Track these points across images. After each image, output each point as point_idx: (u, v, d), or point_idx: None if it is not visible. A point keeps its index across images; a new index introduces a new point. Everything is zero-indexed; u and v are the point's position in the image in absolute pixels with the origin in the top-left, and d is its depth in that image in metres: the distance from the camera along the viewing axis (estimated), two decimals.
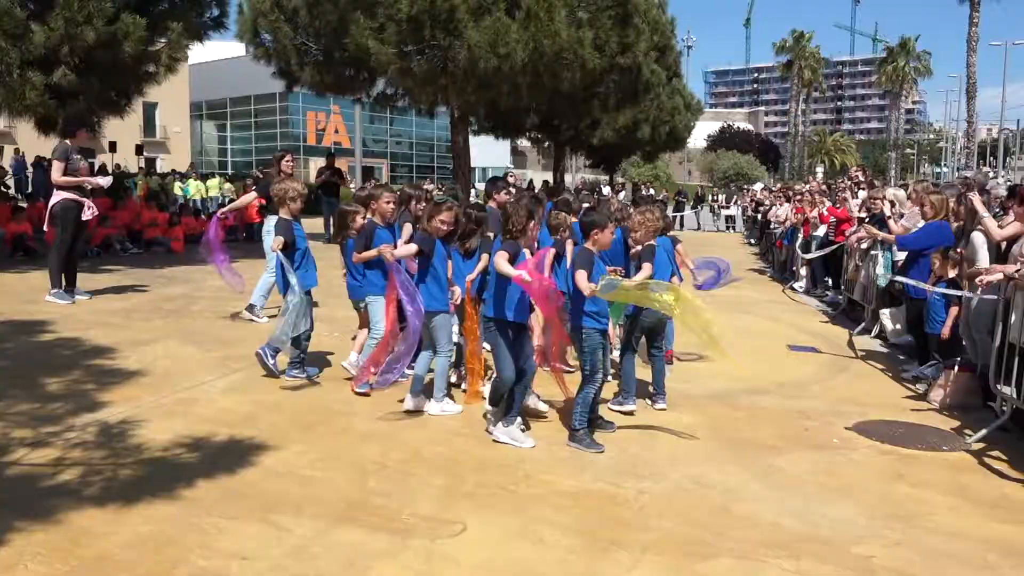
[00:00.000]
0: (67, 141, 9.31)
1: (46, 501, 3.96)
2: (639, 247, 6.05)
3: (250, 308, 8.53)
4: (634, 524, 4.00)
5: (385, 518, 3.94)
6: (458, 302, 5.78)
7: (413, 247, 5.52)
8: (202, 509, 3.95)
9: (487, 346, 5.74)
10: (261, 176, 11.54)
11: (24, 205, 15.85)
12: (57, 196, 9.21)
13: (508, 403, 5.13)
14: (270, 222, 8.03)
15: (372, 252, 5.82)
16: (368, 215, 6.19)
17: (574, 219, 6.45)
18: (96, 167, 22.32)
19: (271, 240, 6.66)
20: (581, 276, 4.96)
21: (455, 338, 6.13)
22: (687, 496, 4.42)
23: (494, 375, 5.39)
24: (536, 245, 5.74)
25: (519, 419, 5.18)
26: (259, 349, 6.37)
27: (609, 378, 5.72)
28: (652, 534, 3.90)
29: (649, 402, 6.07)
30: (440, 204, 5.62)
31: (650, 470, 4.76)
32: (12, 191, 20.08)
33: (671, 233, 6.86)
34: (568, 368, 6.17)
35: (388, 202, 6.12)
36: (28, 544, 3.51)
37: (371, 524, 3.86)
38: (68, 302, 9.18)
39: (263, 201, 9.08)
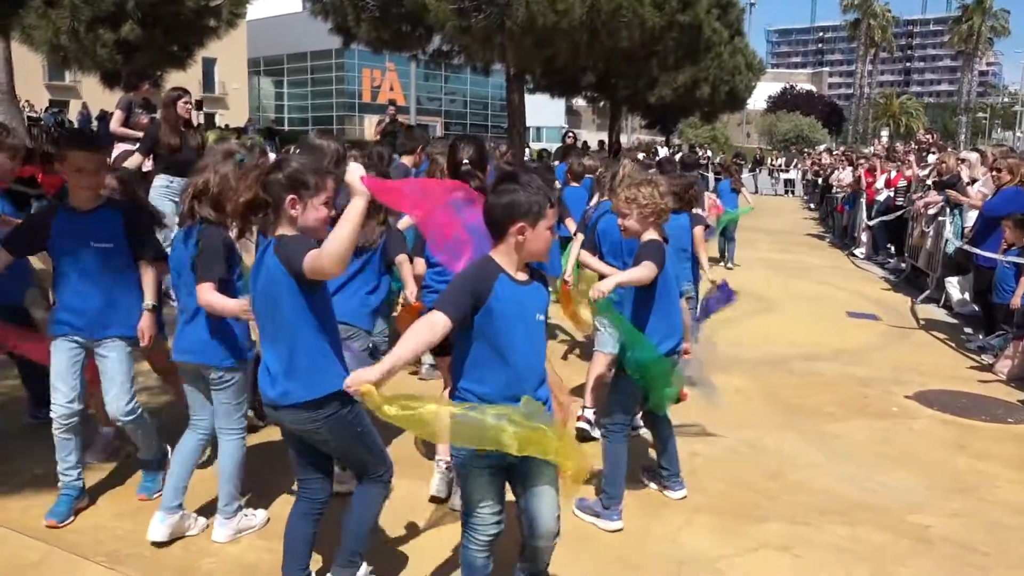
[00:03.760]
0: (130, 94, 9.48)
1: None
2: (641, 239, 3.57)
3: None
4: (686, 486, 3.98)
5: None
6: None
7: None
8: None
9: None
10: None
11: None
12: (118, 148, 9.38)
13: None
14: (161, 181, 7.05)
15: None
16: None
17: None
18: None
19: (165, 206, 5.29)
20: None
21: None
22: (740, 460, 4.39)
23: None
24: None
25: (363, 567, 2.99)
26: None
27: None
28: (704, 496, 3.89)
29: (654, 485, 3.99)
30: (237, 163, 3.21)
31: (703, 433, 4.73)
32: None
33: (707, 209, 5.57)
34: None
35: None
36: None
37: (424, 476, 3.91)
38: None
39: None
